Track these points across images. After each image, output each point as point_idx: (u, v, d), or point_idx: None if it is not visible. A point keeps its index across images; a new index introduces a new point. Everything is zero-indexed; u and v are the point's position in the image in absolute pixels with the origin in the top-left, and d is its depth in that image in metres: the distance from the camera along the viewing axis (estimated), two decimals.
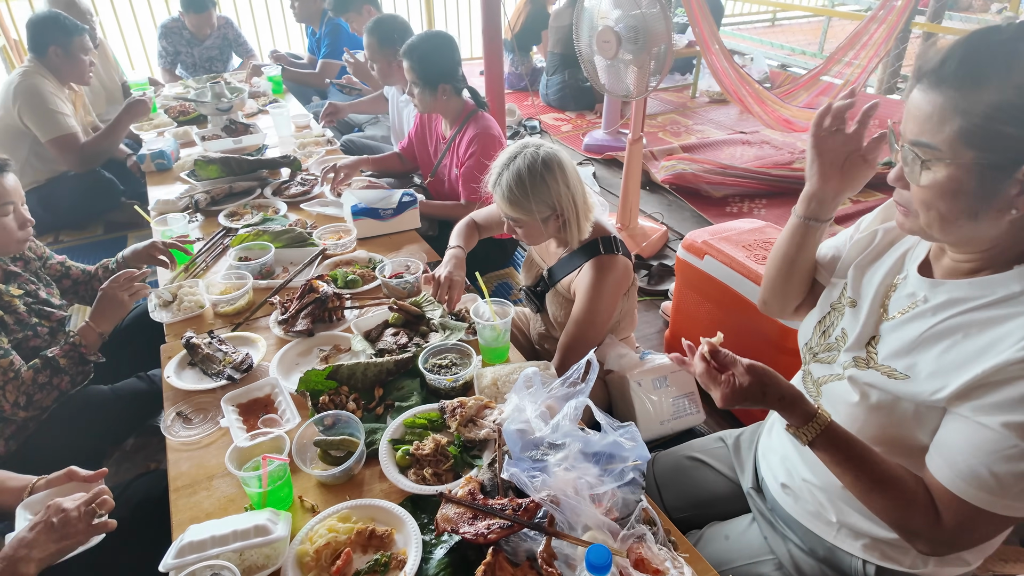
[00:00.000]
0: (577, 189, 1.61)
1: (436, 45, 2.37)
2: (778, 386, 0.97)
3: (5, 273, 1.71)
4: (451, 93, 2.39)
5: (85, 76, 3.06)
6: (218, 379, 1.50)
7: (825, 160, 1.08)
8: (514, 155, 1.59)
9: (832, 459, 0.96)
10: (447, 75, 2.36)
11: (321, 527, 1.12)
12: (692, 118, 5.19)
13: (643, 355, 1.86)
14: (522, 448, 1.13)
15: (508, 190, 1.57)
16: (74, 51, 2.93)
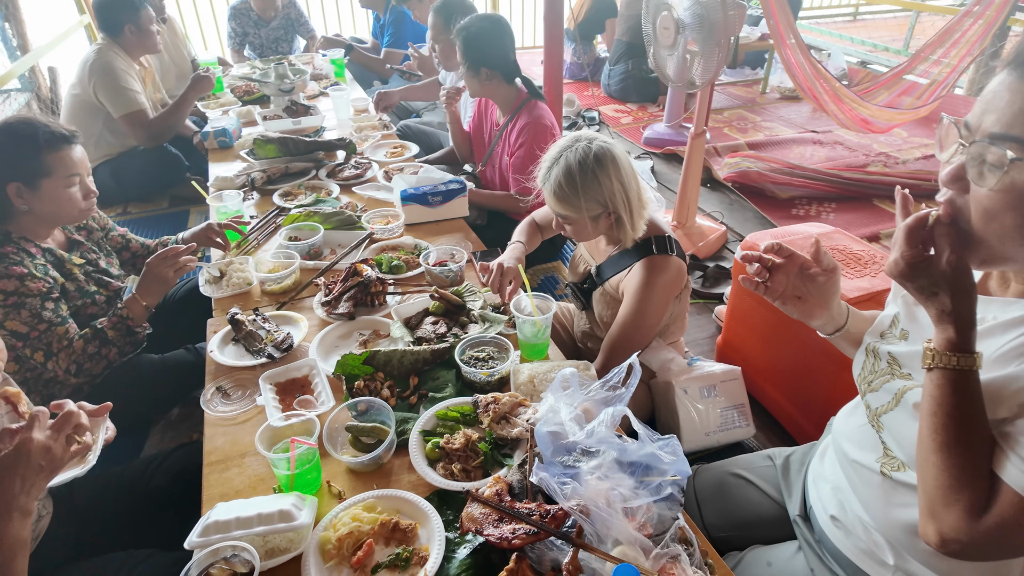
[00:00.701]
0: (631, 186, 1.53)
1: (485, 28, 2.33)
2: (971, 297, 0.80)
3: (69, 241, 1.78)
4: (498, 79, 2.34)
5: (156, 45, 3.17)
6: (259, 357, 1.51)
7: (788, 302, 1.10)
8: (564, 149, 1.52)
9: (942, 398, 0.80)
10: (492, 60, 2.31)
11: (345, 515, 1.10)
12: (761, 114, 4.96)
13: (691, 361, 1.77)
14: (554, 452, 1.07)
15: (557, 186, 1.51)
16: (144, 24, 3.05)
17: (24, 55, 3.71)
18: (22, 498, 0.94)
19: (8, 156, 1.53)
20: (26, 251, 1.58)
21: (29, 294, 1.53)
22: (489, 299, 1.73)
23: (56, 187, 1.59)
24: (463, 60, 2.33)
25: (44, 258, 1.62)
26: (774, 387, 2.00)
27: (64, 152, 1.59)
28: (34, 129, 1.55)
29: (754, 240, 1.94)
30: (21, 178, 1.54)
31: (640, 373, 1.19)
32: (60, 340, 1.55)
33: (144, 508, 1.41)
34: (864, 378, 1.08)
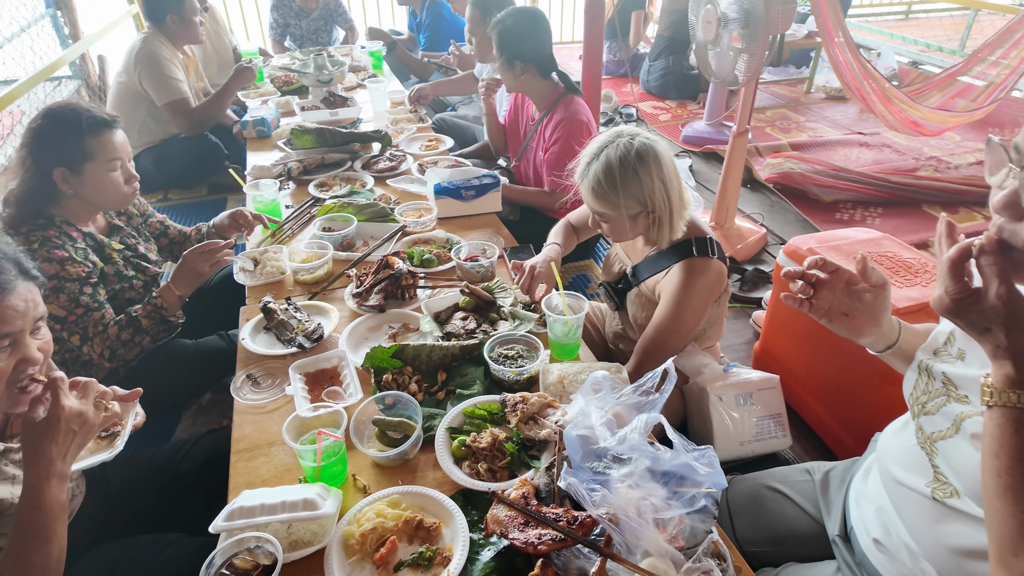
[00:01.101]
0: (673, 185, 1.48)
1: (520, 21, 2.29)
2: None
3: (110, 226, 1.81)
4: (533, 73, 2.31)
5: (199, 36, 3.22)
6: (289, 346, 1.51)
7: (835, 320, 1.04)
8: (605, 144, 1.48)
9: (1004, 439, 0.74)
10: (526, 53, 2.28)
11: (370, 510, 1.09)
12: (805, 114, 4.81)
13: (727, 367, 1.72)
14: (583, 457, 1.04)
15: (595, 182, 1.47)
16: (187, 15, 3.09)
17: (75, 43, 3.82)
18: (59, 463, 0.96)
19: (53, 141, 1.56)
20: (68, 235, 1.61)
21: (69, 278, 1.55)
22: (520, 296, 1.70)
23: (98, 171, 1.61)
24: (498, 54, 2.30)
25: (85, 242, 1.65)
26: (814, 397, 1.93)
27: (105, 136, 1.61)
28: (76, 114, 1.58)
29: (797, 244, 1.86)
30: (65, 163, 1.57)
31: (675, 379, 1.15)
32: (96, 325, 1.58)
33: (173, 492, 1.43)
34: (916, 399, 1.01)
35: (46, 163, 1.55)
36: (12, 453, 1.10)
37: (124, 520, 1.34)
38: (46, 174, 1.56)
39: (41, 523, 0.93)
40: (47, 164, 1.56)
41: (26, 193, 1.56)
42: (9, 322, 0.99)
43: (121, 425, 1.22)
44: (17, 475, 1.09)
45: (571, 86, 2.37)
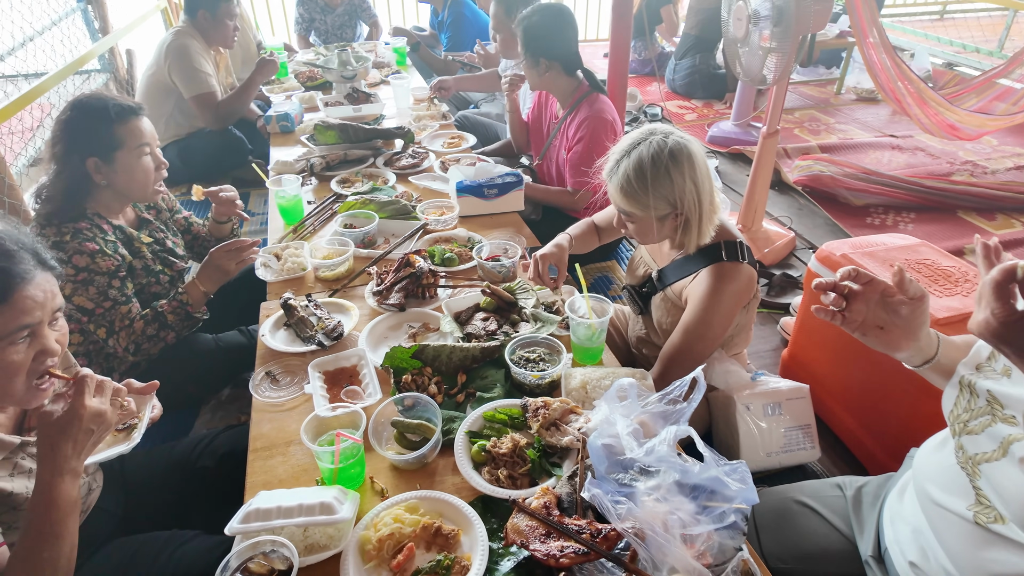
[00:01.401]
0: (705, 188, 1.43)
1: (546, 17, 2.26)
2: None
3: (139, 220, 1.82)
4: (558, 71, 2.27)
5: (229, 40, 3.24)
6: (309, 343, 1.50)
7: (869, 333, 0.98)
8: (637, 142, 1.43)
9: None
10: (552, 50, 2.24)
11: (387, 515, 1.07)
12: (835, 116, 4.70)
13: (755, 375, 1.67)
14: (608, 468, 1.01)
15: (625, 180, 1.42)
16: (220, 16, 3.11)
17: (104, 37, 3.86)
18: (73, 460, 0.95)
19: (84, 131, 1.57)
20: (99, 227, 1.62)
21: (98, 271, 1.56)
22: (542, 297, 1.67)
23: (129, 158, 1.62)
24: (523, 51, 2.27)
25: (115, 235, 1.66)
26: (844, 409, 1.86)
27: (133, 123, 1.62)
28: (104, 103, 1.59)
29: (830, 250, 1.80)
30: (97, 152, 1.57)
31: (704, 388, 1.11)
32: (123, 319, 1.58)
33: (190, 487, 1.42)
34: (957, 416, 0.96)
35: (79, 154, 1.56)
36: (29, 447, 1.09)
37: (140, 515, 1.34)
38: (79, 165, 1.57)
39: (54, 520, 0.92)
40: (80, 155, 1.56)
41: (59, 187, 1.57)
42: (28, 313, 0.98)
43: (138, 418, 1.21)
44: (34, 469, 1.08)
45: (596, 84, 2.33)
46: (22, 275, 0.98)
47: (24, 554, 0.92)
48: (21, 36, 3.13)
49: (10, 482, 1.02)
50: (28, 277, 0.98)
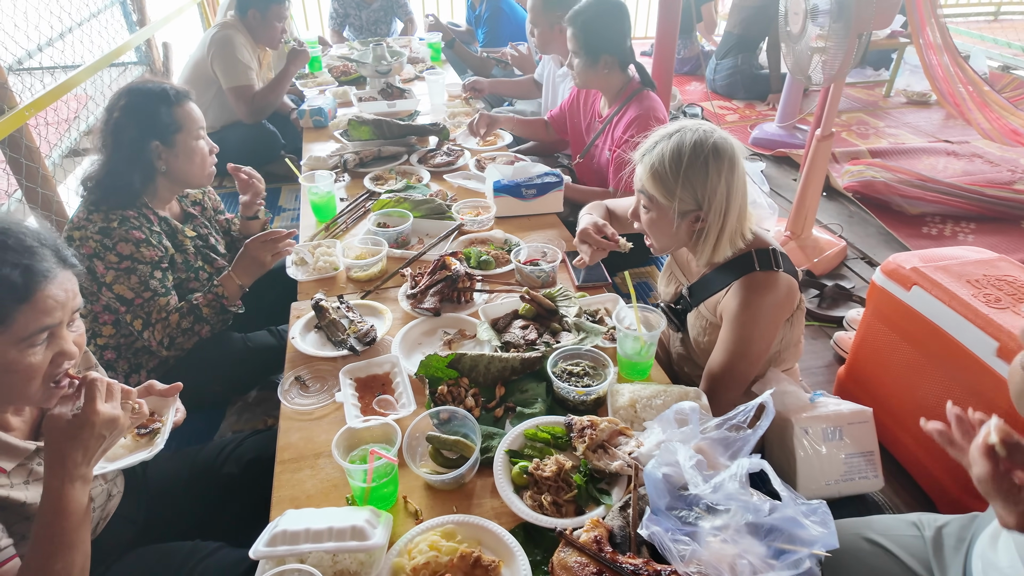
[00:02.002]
0: (736, 198, 1.31)
1: (603, 11, 2.13)
2: None
3: (184, 213, 1.79)
4: (614, 67, 2.15)
5: (276, 42, 3.22)
6: (340, 348, 1.43)
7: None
8: (683, 128, 1.33)
9: None
10: (612, 46, 2.12)
11: (423, 541, 0.99)
12: (884, 120, 4.49)
13: (813, 396, 1.54)
14: (671, 505, 0.91)
15: (659, 159, 1.31)
16: (270, 17, 3.09)
17: (140, 29, 3.87)
18: (83, 467, 0.90)
19: (146, 115, 1.54)
20: (146, 217, 1.59)
21: (142, 260, 1.53)
22: (585, 305, 1.57)
23: (188, 141, 1.61)
24: (579, 49, 2.14)
25: (160, 227, 1.63)
26: (910, 436, 1.72)
27: (188, 107, 1.62)
28: (162, 86, 1.58)
29: (898, 263, 1.66)
30: (160, 135, 1.56)
31: (773, 415, 1.01)
32: (160, 311, 1.54)
33: (214, 495, 1.36)
34: None
35: (142, 139, 1.54)
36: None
37: (162, 523, 1.28)
38: (141, 150, 1.54)
39: (65, 529, 0.87)
40: (143, 139, 1.54)
41: (114, 174, 1.53)
42: (49, 313, 0.92)
43: (160, 422, 1.15)
44: None
45: (647, 79, 2.21)
46: (44, 273, 0.92)
47: (35, 565, 0.86)
48: (60, 28, 3.14)
49: (24, 491, 0.96)
50: (50, 276, 0.93)
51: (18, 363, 0.90)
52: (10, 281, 0.88)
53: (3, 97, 2.06)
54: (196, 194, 1.87)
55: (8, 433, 0.98)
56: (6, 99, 2.07)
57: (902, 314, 1.62)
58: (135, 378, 1.66)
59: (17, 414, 1.03)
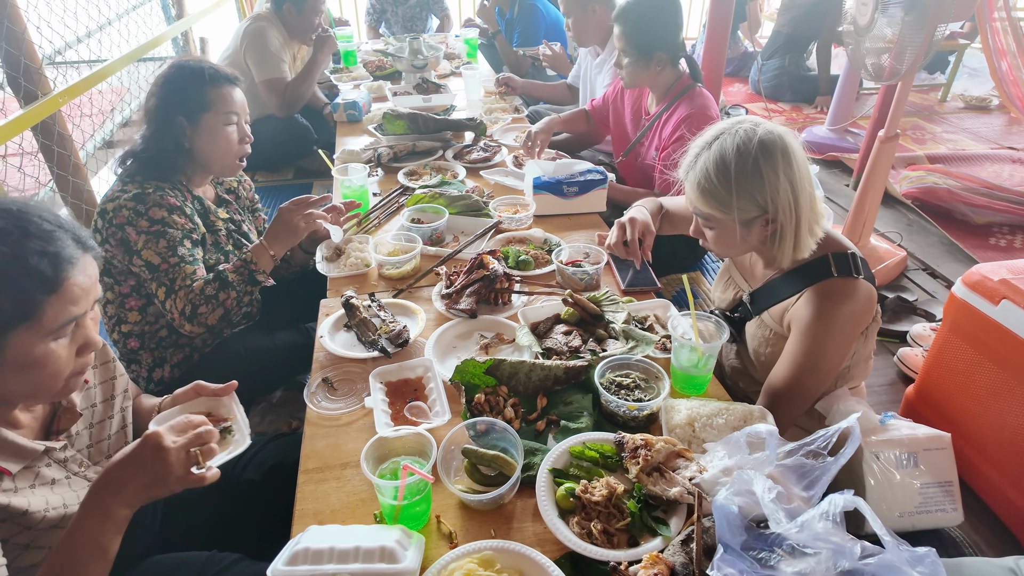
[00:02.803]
0: (803, 188, 1.18)
1: (655, 6, 2.00)
2: None
3: (219, 198, 1.75)
4: (666, 64, 2.03)
5: (309, 38, 3.16)
6: (371, 349, 1.34)
7: None
8: (721, 132, 1.20)
9: None
10: (665, 42, 1.99)
11: (457, 568, 0.88)
12: (941, 125, 4.26)
13: (884, 418, 1.40)
14: (746, 544, 0.79)
15: (703, 175, 1.19)
16: (307, 12, 3.05)
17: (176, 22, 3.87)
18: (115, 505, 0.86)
19: (177, 89, 1.54)
20: (180, 192, 1.55)
21: (172, 226, 1.48)
22: (633, 311, 1.45)
23: (214, 122, 1.56)
24: (629, 48, 2.01)
25: (193, 205, 1.59)
26: (993, 466, 1.55)
27: (225, 90, 1.57)
28: (201, 65, 1.57)
29: (983, 274, 1.50)
30: (185, 111, 1.53)
31: (859, 441, 0.88)
32: (184, 279, 1.47)
33: (232, 502, 1.28)
34: None
35: (169, 111, 1.52)
36: (55, 452, 0.96)
37: (177, 532, 1.21)
38: (170, 124, 1.52)
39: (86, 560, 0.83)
40: (170, 112, 1.52)
41: (150, 146, 1.53)
42: (76, 302, 0.86)
43: (230, 420, 1.12)
44: (57, 479, 0.95)
45: (697, 73, 2.08)
46: (69, 260, 0.85)
47: None
48: (100, 21, 3.14)
49: (28, 496, 0.88)
50: (75, 262, 0.86)
51: (47, 358, 0.84)
52: (39, 271, 0.81)
53: (38, 83, 2.04)
54: (231, 182, 1.81)
55: (17, 431, 0.91)
56: (40, 85, 2.04)
57: (988, 330, 1.46)
58: (158, 372, 1.60)
59: (28, 411, 0.96)
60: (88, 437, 1.06)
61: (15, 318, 0.80)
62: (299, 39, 3.19)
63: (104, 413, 1.11)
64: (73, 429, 1.03)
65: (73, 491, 0.97)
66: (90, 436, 1.07)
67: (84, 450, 1.05)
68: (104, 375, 1.13)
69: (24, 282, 0.80)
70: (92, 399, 1.09)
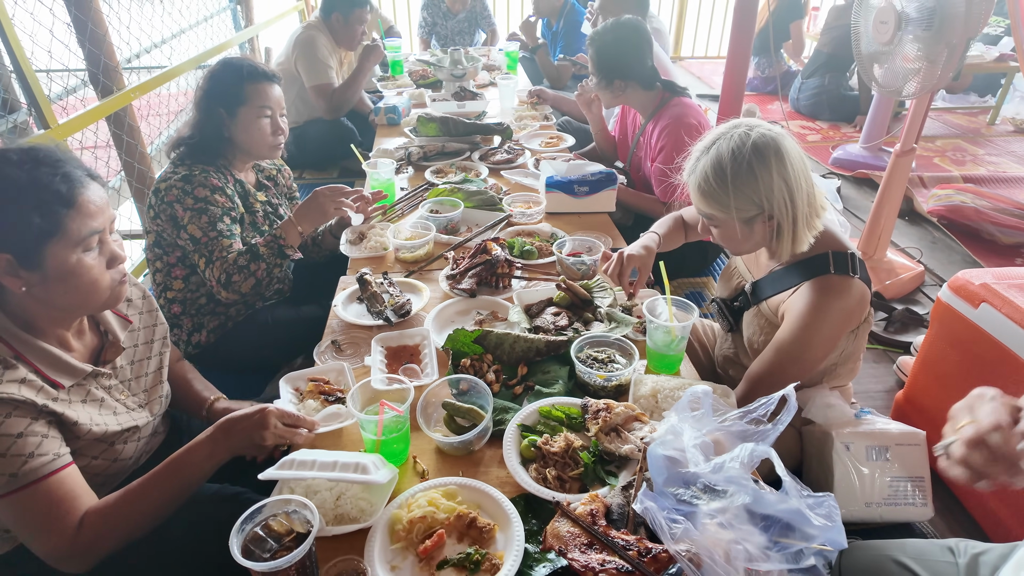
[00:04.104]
0: (798, 186, 1.26)
1: (618, 37, 2.14)
2: None
3: (259, 183, 1.94)
4: (634, 88, 2.16)
5: (354, 44, 3.41)
6: (377, 318, 1.49)
7: None
8: (719, 136, 1.29)
9: None
10: (625, 70, 2.14)
11: (423, 497, 1.01)
12: (985, 147, 4.16)
13: (860, 412, 1.45)
14: (667, 480, 0.88)
15: (703, 179, 1.28)
16: (352, 21, 3.29)
17: (242, 30, 4.20)
18: (222, 449, 1.07)
19: (219, 83, 1.72)
20: (223, 174, 1.75)
21: (214, 204, 1.66)
22: (620, 298, 1.55)
23: (249, 115, 1.72)
24: (594, 71, 2.19)
25: (234, 187, 1.77)
26: None
27: (262, 86, 1.73)
28: (241, 63, 1.74)
29: (967, 278, 1.54)
30: (224, 104, 1.71)
31: (795, 409, 0.96)
32: (221, 251, 1.66)
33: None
34: None
35: (213, 104, 1.70)
36: (103, 378, 1.13)
37: None
38: (212, 114, 1.70)
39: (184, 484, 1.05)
40: (212, 103, 1.70)
41: (195, 133, 1.71)
42: (93, 216, 1.02)
43: (346, 392, 1.28)
44: (105, 400, 1.12)
45: (675, 90, 2.18)
46: (80, 180, 1.02)
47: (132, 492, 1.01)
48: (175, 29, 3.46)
49: (78, 410, 1.05)
50: (85, 183, 1.03)
51: (82, 265, 1.01)
52: (54, 189, 0.98)
53: (114, 79, 2.31)
54: (271, 169, 2.00)
55: (69, 354, 1.09)
56: (116, 81, 2.31)
57: (968, 333, 1.49)
58: (196, 336, 1.78)
59: (79, 337, 1.14)
60: (129, 371, 1.23)
61: (45, 232, 0.97)
62: (344, 45, 3.42)
63: (144, 353, 1.28)
64: (118, 362, 1.20)
65: (115, 416, 1.13)
66: (131, 371, 1.24)
67: (126, 382, 1.21)
68: (148, 321, 1.31)
69: (45, 197, 0.97)
70: (135, 340, 1.26)
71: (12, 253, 0.97)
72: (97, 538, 0.97)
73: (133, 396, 1.21)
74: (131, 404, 1.19)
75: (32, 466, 0.94)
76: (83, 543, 0.96)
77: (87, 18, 2.21)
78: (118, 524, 0.99)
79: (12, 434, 0.93)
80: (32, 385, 0.98)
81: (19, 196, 0.96)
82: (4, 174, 0.96)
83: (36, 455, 0.95)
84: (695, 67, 6.43)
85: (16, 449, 0.93)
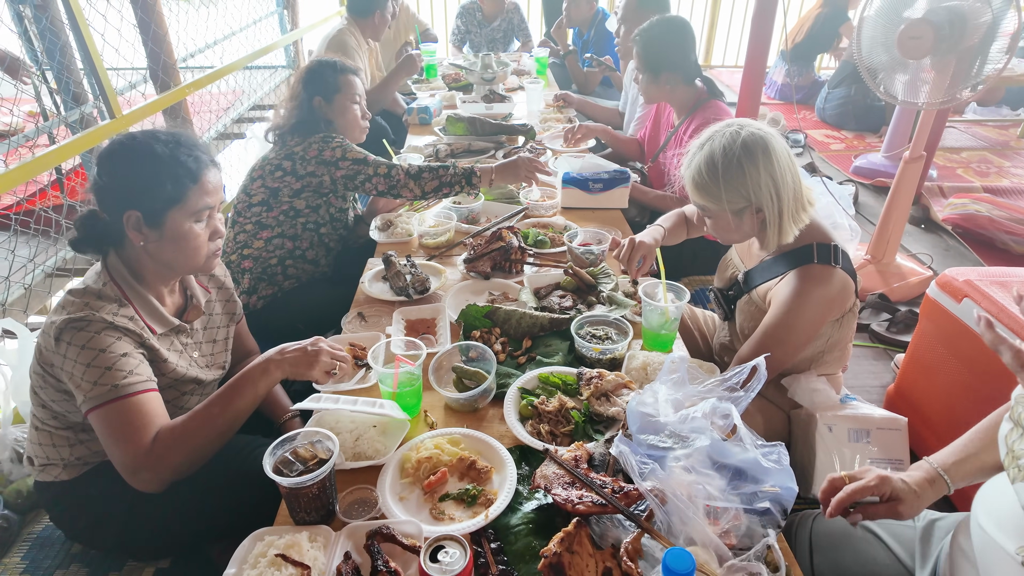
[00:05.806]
0: (784, 182, 1.36)
1: (666, 30, 2.24)
2: None
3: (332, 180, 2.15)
4: (677, 82, 2.25)
5: (380, 35, 3.59)
6: (399, 294, 1.64)
7: None
8: (711, 135, 1.41)
9: None
10: (673, 63, 2.23)
11: (431, 441, 1.15)
12: (1012, 159, 4.14)
13: (846, 398, 1.54)
14: (640, 429, 1.01)
15: (697, 173, 1.40)
16: (386, 13, 3.46)
17: (287, 33, 4.44)
18: (274, 367, 1.20)
19: (317, 75, 2.03)
20: None
21: (354, 156, 1.94)
22: (623, 284, 1.67)
23: (344, 101, 2.05)
24: (642, 66, 2.28)
25: None
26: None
27: (352, 78, 2.07)
28: (334, 60, 2.08)
29: (952, 276, 1.61)
30: (323, 92, 2.01)
31: (764, 378, 1.07)
32: (389, 167, 1.96)
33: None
34: (1013, 456, 0.85)
35: (310, 92, 2.00)
36: (183, 335, 1.30)
37: None
38: (309, 101, 2.00)
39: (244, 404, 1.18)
40: (311, 93, 2.00)
41: (293, 118, 1.99)
42: (210, 194, 1.21)
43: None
44: (183, 352, 1.29)
45: (715, 91, 2.28)
46: (206, 163, 1.22)
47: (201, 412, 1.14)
48: (227, 31, 3.70)
49: (167, 353, 1.23)
50: (208, 164, 1.23)
51: (191, 232, 1.20)
52: (187, 167, 1.18)
53: (172, 75, 2.53)
54: None
55: (163, 307, 1.27)
56: (173, 77, 2.53)
57: (952, 328, 1.57)
58: (245, 298, 1.95)
59: (170, 295, 1.31)
60: (202, 335, 1.39)
61: (172, 198, 1.17)
62: (370, 35, 3.57)
63: (217, 322, 1.45)
64: (195, 324, 1.36)
65: (188, 367, 1.29)
66: (203, 335, 1.40)
67: (198, 344, 1.38)
68: (223, 296, 1.47)
69: (179, 171, 1.17)
70: (211, 309, 1.43)
71: (142, 211, 1.16)
72: (166, 451, 1.09)
73: (202, 356, 1.38)
74: (200, 363, 1.36)
75: (130, 381, 1.10)
76: (154, 456, 1.08)
77: (150, 19, 2.44)
78: (184, 440, 1.11)
79: (120, 353, 1.11)
80: (136, 323, 1.17)
81: (160, 167, 1.16)
82: (153, 148, 1.16)
83: (134, 373, 1.12)
84: (725, 75, 6.48)
85: (121, 364, 1.10)
